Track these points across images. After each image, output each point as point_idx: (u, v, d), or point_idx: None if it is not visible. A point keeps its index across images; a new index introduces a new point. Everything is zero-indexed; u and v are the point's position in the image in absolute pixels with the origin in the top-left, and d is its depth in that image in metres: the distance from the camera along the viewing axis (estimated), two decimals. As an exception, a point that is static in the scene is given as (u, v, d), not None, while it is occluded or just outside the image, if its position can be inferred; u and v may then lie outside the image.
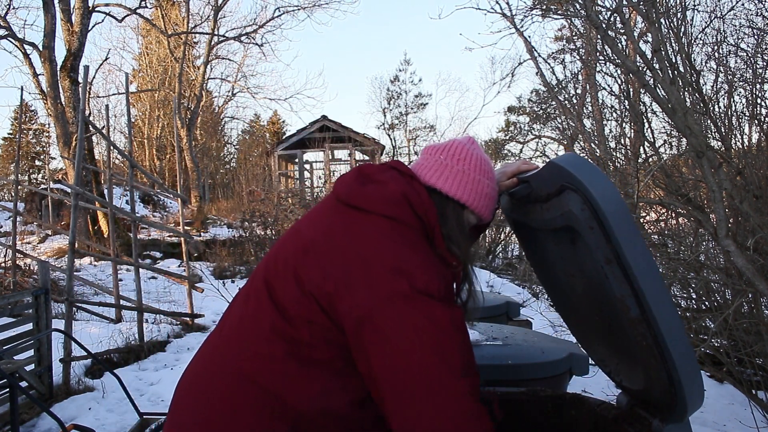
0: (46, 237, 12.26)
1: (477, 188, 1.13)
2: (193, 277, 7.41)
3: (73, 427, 2.28)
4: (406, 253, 0.97)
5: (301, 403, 0.97)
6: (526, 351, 1.81)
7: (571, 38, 7.77)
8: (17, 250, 7.51)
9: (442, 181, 1.12)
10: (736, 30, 3.51)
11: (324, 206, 1.12)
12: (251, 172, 19.36)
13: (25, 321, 3.50)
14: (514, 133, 21.35)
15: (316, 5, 17.89)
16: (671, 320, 0.97)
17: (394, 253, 0.97)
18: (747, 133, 3.50)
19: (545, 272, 1.47)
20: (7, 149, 33.58)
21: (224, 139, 33.24)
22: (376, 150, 17.69)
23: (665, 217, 3.88)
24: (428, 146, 1.19)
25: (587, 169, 0.99)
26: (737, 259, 2.34)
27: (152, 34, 23.36)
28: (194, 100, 18.96)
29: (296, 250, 1.04)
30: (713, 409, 3.13)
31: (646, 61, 2.63)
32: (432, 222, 1.06)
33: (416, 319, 0.92)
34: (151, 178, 12.42)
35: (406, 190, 1.05)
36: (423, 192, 1.07)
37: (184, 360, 4.70)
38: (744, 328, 2.88)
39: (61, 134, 10.28)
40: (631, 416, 1.25)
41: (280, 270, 1.04)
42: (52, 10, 10.12)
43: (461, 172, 1.12)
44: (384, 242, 0.98)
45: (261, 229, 10.72)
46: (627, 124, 4.40)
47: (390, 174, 1.09)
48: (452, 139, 1.19)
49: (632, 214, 1.09)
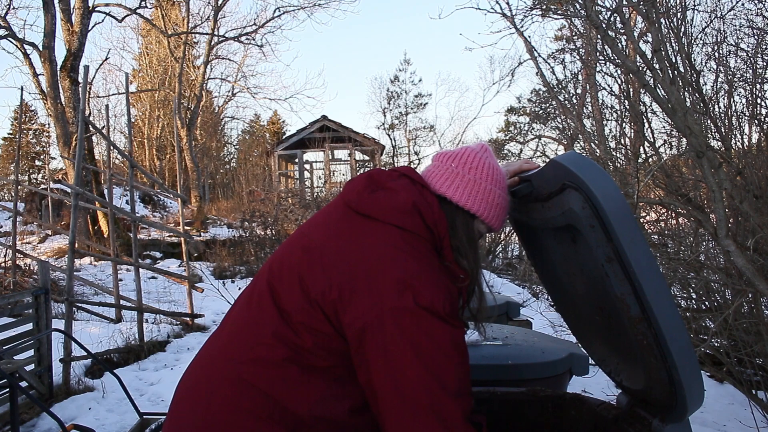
0: (46, 237, 12.26)
1: (488, 198, 1.11)
2: (193, 277, 7.41)
3: (73, 427, 2.28)
4: (413, 265, 0.96)
5: (301, 409, 0.96)
6: (526, 351, 1.81)
7: (571, 38, 7.77)
8: (17, 250, 7.51)
9: (453, 190, 1.10)
10: (736, 30, 3.51)
11: (332, 211, 1.11)
12: (251, 172, 19.41)
13: (25, 321, 3.50)
14: (514, 134, 21.36)
15: (316, 5, 17.88)
16: (672, 319, 0.97)
17: (401, 264, 0.96)
18: (747, 133, 3.50)
19: (545, 271, 1.47)
20: (7, 149, 33.58)
21: (224, 139, 33.26)
22: (376, 150, 17.71)
23: (665, 217, 3.89)
24: (440, 153, 1.18)
25: (589, 168, 0.98)
26: (737, 259, 2.34)
27: (152, 34, 23.37)
28: (194, 100, 18.96)
29: (302, 256, 1.03)
30: (713, 409, 3.13)
31: (646, 61, 2.63)
32: (442, 233, 1.05)
33: (416, 335, 0.92)
34: (151, 178, 12.42)
35: (417, 200, 1.04)
36: (434, 202, 1.06)
37: (184, 360, 4.70)
38: (744, 328, 2.88)
39: (61, 134, 10.28)
40: (631, 416, 1.25)
41: (285, 275, 1.03)
42: (52, 10, 10.12)
43: (472, 181, 1.10)
44: (392, 253, 0.97)
45: (261, 229, 10.73)
46: (627, 124, 4.40)
47: (401, 182, 1.08)
48: (465, 147, 1.17)
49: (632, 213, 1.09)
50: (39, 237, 12.29)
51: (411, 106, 25.08)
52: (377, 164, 17.61)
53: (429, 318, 0.93)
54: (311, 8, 17.95)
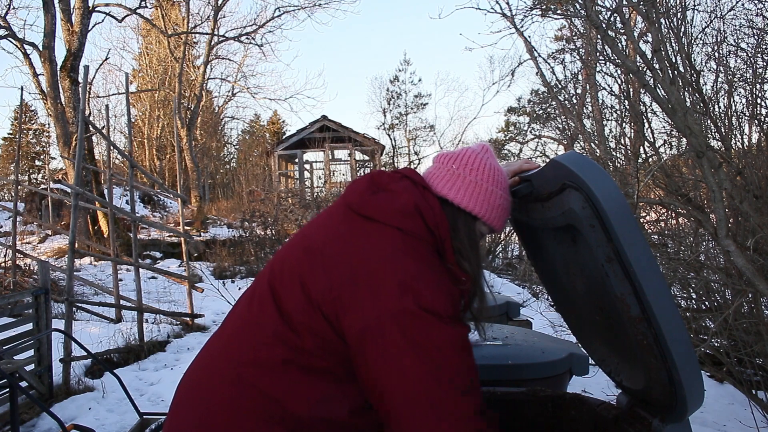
0: (46, 237, 12.26)
1: (489, 199, 1.11)
2: (193, 277, 7.42)
3: (73, 427, 2.28)
4: (414, 267, 0.96)
5: (301, 409, 0.96)
6: (526, 351, 1.81)
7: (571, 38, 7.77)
8: (17, 250, 7.50)
9: (454, 191, 1.10)
10: (736, 30, 3.51)
11: (334, 213, 1.11)
12: (251, 172, 19.39)
13: (25, 321, 3.50)
14: (514, 134, 21.36)
15: (316, 5, 17.88)
16: (672, 319, 0.97)
17: (402, 267, 0.96)
18: (747, 133, 3.50)
19: (546, 271, 1.47)
20: (7, 149, 33.56)
21: (224, 139, 33.25)
22: (376, 150, 17.70)
23: (665, 217, 3.89)
24: (440, 154, 1.17)
25: (589, 168, 0.98)
26: (737, 259, 2.34)
27: (152, 34, 23.37)
28: (194, 100, 18.96)
29: (303, 257, 1.03)
30: (713, 409, 3.13)
31: (646, 61, 2.63)
32: (443, 235, 1.05)
33: (419, 337, 0.92)
34: (151, 178, 12.42)
35: (418, 202, 1.04)
36: (436, 204, 1.06)
37: (184, 360, 4.70)
38: (744, 328, 2.88)
39: (61, 134, 10.28)
40: (631, 416, 1.25)
41: (286, 276, 1.03)
42: (52, 10, 10.12)
43: (474, 182, 1.10)
44: (393, 255, 0.97)
45: (261, 229, 10.73)
46: (627, 124, 4.40)
47: (403, 184, 1.08)
48: (465, 147, 1.17)
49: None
50: (39, 237, 12.29)
51: (411, 106, 25.08)
52: (377, 164, 17.60)
53: (431, 320, 0.93)
54: (311, 8, 17.97)
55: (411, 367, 0.91)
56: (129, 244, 7.90)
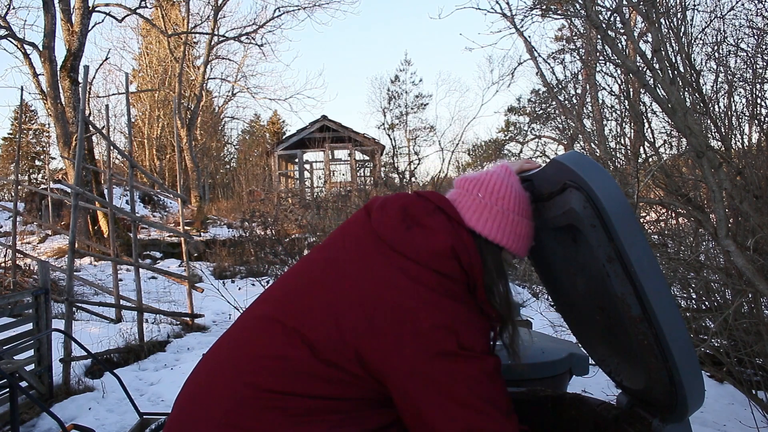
0: (46, 237, 12.26)
1: (516, 230, 1.12)
2: (193, 277, 7.42)
3: (73, 427, 2.27)
4: (453, 309, 1.00)
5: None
6: (526, 351, 1.81)
7: (571, 38, 7.77)
8: (17, 250, 7.51)
9: (482, 223, 1.10)
10: (736, 30, 3.51)
11: (363, 241, 1.09)
12: (251, 172, 19.41)
13: (25, 321, 3.50)
14: (514, 133, 21.34)
15: (316, 5, 17.90)
16: (672, 319, 0.97)
17: (443, 309, 0.99)
18: (747, 133, 3.50)
19: (546, 271, 1.47)
20: (7, 149, 33.56)
21: (224, 139, 33.24)
22: (376, 150, 17.70)
23: (665, 217, 3.88)
24: (464, 178, 1.17)
25: (590, 167, 0.98)
26: (737, 259, 2.34)
27: (152, 34, 23.36)
28: (194, 100, 18.97)
29: (337, 288, 1.03)
30: (713, 409, 3.13)
31: (646, 61, 2.63)
32: (476, 275, 1.06)
33: (469, 371, 0.98)
34: (151, 178, 12.41)
35: (455, 244, 1.04)
36: (471, 243, 1.06)
37: (184, 360, 4.69)
38: (744, 328, 2.88)
39: (61, 134, 10.28)
40: (631, 416, 1.25)
41: (315, 308, 1.02)
42: (52, 10, 10.12)
43: (501, 213, 1.10)
44: (432, 297, 0.99)
45: (261, 229, 10.72)
46: (627, 124, 4.40)
47: (437, 219, 1.07)
48: (488, 171, 1.16)
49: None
50: (39, 237, 12.29)
51: (411, 106, 25.02)
52: (377, 164, 17.59)
53: (473, 355, 0.99)
54: (311, 8, 18.01)
55: (465, 398, 0.97)
56: (129, 244, 7.91)
